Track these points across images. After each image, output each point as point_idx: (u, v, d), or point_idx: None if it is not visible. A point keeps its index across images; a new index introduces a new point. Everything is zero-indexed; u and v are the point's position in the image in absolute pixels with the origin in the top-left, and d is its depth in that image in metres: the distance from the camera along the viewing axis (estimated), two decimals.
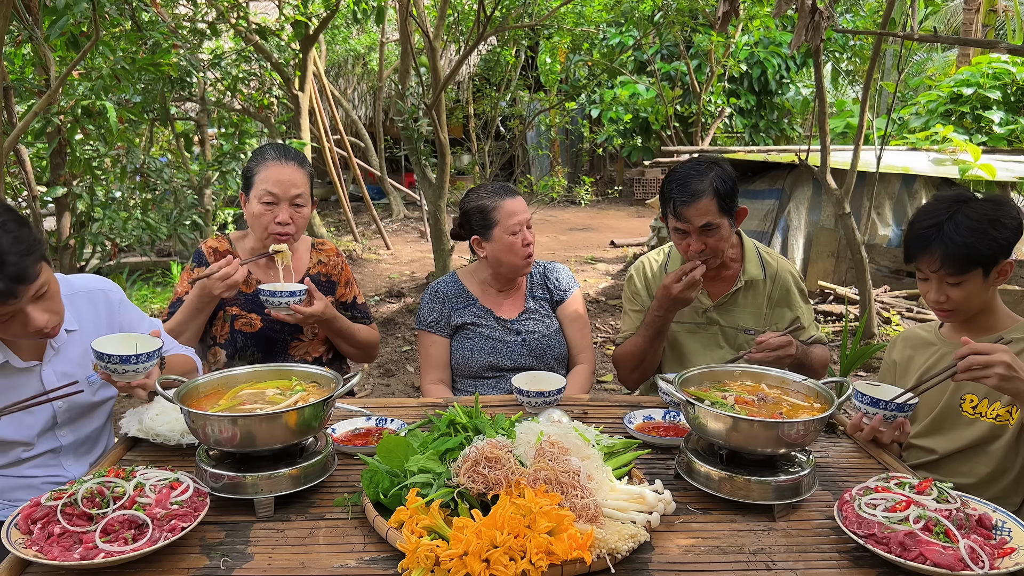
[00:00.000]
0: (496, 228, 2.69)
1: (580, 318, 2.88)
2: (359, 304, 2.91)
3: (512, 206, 2.70)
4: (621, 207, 14.82)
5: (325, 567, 1.48)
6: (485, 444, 1.65)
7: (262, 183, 2.51)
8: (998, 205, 2.07)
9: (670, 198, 2.50)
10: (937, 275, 2.08)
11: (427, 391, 2.73)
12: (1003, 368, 1.77)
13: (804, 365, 2.48)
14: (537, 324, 2.80)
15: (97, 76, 4.83)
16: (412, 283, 8.51)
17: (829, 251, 7.61)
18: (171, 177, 6.84)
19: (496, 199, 2.71)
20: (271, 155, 2.55)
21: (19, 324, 1.84)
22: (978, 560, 1.41)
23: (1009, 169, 7.44)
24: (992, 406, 2.13)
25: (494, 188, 2.78)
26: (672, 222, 2.54)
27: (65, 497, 1.52)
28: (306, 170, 2.59)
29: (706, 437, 1.78)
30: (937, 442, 2.24)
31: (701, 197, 2.44)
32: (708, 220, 2.45)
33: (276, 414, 1.67)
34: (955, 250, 2.02)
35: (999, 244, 2.02)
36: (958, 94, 9.10)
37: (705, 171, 2.47)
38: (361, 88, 13.98)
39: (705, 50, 10.83)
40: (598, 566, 1.44)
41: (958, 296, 2.08)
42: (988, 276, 2.06)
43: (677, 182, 2.50)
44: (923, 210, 2.15)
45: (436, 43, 6.52)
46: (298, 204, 2.54)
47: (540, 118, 10.32)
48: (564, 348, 2.84)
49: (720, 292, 2.71)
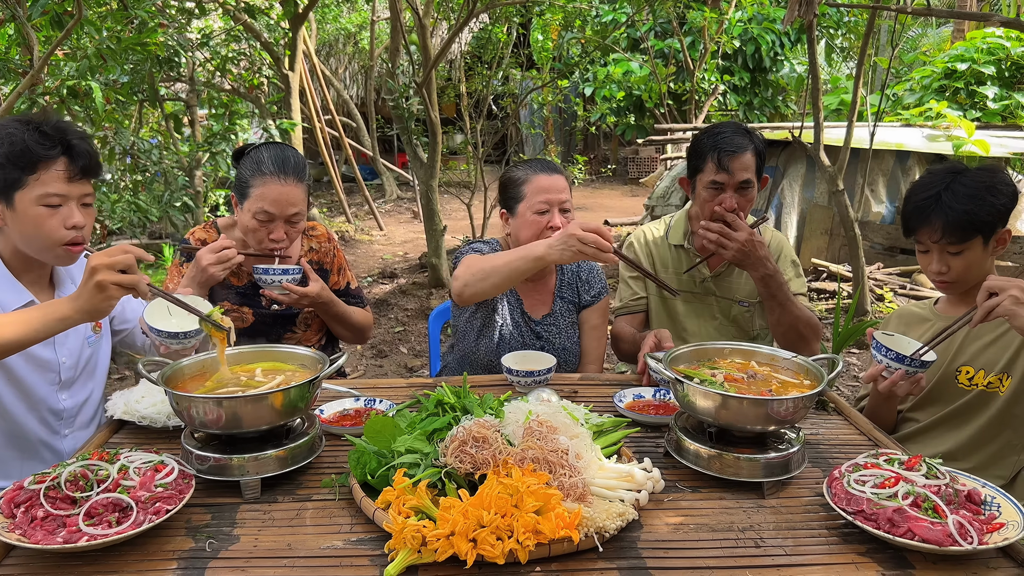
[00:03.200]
0: (522, 203, 2.48)
1: (601, 326, 2.71)
2: (352, 290, 2.82)
3: (544, 182, 2.46)
4: (615, 186, 14.78)
5: (312, 548, 1.47)
6: (473, 424, 1.64)
7: (258, 200, 2.35)
8: (992, 173, 2.09)
9: (715, 148, 2.49)
10: (938, 245, 2.09)
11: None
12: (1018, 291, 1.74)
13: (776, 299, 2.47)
14: (560, 332, 2.65)
15: (83, 56, 4.76)
16: (405, 264, 8.48)
17: (823, 228, 7.61)
18: (161, 158, 6.78)
19: (529, 172, 2.49)
20: (270, 170, 2.35)
21: (60, 218, 1.95)
22: (967, 535, 1.40)
23: (1003, 145, 7.42)
24: (988, 377, 2.14)
25: (534, 162, 2.57)
26: (710, 175, 2.51)
27: (48, 480, 1.50)
28: (305, 183, 2.44)
29: (695, 415, 1.77)
30: (928, 411, 2.25)
31: (745, 151, 2.49)
32: (748, 176, 2.51)
33: (262, 395, 1.66)
34: (955, 217, 2.03)
35: (997, 210, 2.04)
36: (952, 70, 9.06)
37: (745, 131, 2.55)
38: (352, 67, 13.87)
39: (699, 27, 10.75)
40: (586, 545, 1.43)
41: (959, 266, 2.09)
42: (988, 244, 2.07)
43: (722, 135, 2.52)
44: (919, 183, 2.16)
45: (426, 21, 6.46)
46: (294, 222, 2.41)
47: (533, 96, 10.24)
48: (578, 357, 2.71)
49: (717, 263, 2.71)
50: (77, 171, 1.96)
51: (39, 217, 1.93)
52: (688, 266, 2.72)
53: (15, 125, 1.93)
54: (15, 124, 1.93)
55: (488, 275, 2.21)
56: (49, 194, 1.93)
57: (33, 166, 1.91)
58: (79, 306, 1.74)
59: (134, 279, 1.71)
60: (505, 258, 2.17)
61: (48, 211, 1.94)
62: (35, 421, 2.09)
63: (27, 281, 2.06)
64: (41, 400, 2.09)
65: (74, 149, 1.95)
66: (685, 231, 2.77)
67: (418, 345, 6.02)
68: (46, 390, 2.09)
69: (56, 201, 1.94)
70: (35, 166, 1.91)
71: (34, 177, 1.91)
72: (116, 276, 1.69)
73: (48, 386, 2.10)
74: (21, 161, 1.90)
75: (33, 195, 1.92)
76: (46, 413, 2.11)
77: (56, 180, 1.93)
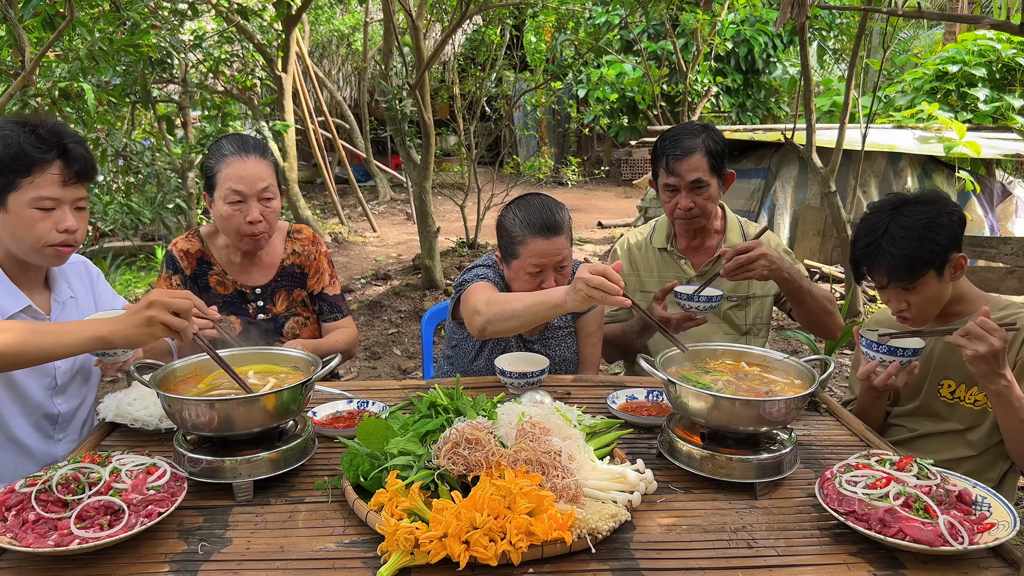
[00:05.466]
0: (516, 261, 2.39)
1: (597, 333, 2.68)
2: (327, 295, 2.68)
3: (541, 247, 2.32)
4: (608, 187, 14.79)
5: (304, 550, 1.47)
6: (465, 425, 1.64)
7: (225, 182, 2.35)
8: (931, 205, 2.01)
9: (663, 153, 2.60)
10: (892, 287, 2.04)
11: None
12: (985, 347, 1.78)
13: (803, 290, 2.50)
14: (559, 345, 2.61)
15: (75, 58, 4.75)
16: (399, 266, 8.47)
17: (815, 230, 7.63)
18: (153, 160, 6.76)
19: (527, 234, 2.34)
20: (229, 149, 2.38)
21: (52, 222, 1.94)
22: (958, 536, 1.41)
23: (994, 146, 7.46)
24: (970, 391, 2.14)
25: (534, 214, 2.36)
26: (663, 178, 2.62)
27: (39, 483, 1.50)
28: (269, 159, 2.44)
29: (688, 416, 1.77)
30: (920, 423, 2.25)
31: (694, 153, 2.55)
32: (699, 176, 2.56)
33: (254, 398, 1.65)
34: (897, 263, 1.97)
35: (940, 245, 1.97)
36: (944, 72, 9.10)
37: (698, 131, 2.60)
38: (346, 69, 13.85)
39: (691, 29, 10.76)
40: (579, 546, 1.43)
41: (917, 301, 2.03)
42: (943, 274, 2.01)
43: (671, 138, 2.61)
44: (860, 227, 2.10)
45: (419, 22, 6.46)
46: (267, 198, 2.40)
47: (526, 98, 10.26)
48: (576, 367, 2.68)
49: (702, 262, 2.77)
50: (72, 175, 1.95)
51: (31, 220, 1.92)
52: (673, 269, 2.78)
53: (10, 127, 1.91)
54: (10, 126, 1.92)
55: (510, 318, 2.15)
56: (43, 197, 1.92)
57: (28, 169, 1.90)
58: (121, 330, 1.70)
59: (183, 324, 1.68)
60: (525, 302, 2.11)
61: (41, 214, 1.93)
62: (29, 426, 2.08)
63: (23, 284, 2.05)
64: (36, 405, 2.08)
65: (70, 153, 1.94)
66: (668, 234, 2.81)
67: (411, 347, 6.01)
68: (41, 395, 2.08)
69: (49, 205, 1.93)
70: (30, 169, 1.90)
71: (28, 180, 1.90)
72: (168, 317, 1.66)
73: (43, 391, 2.09)
74: (16, 164, 1.89)
75: (26, 198, 1.91)
76: (41, 418, 2.10)
77: (50, 184, 1.92)
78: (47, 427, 2.13)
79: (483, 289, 2.34)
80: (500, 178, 9.83)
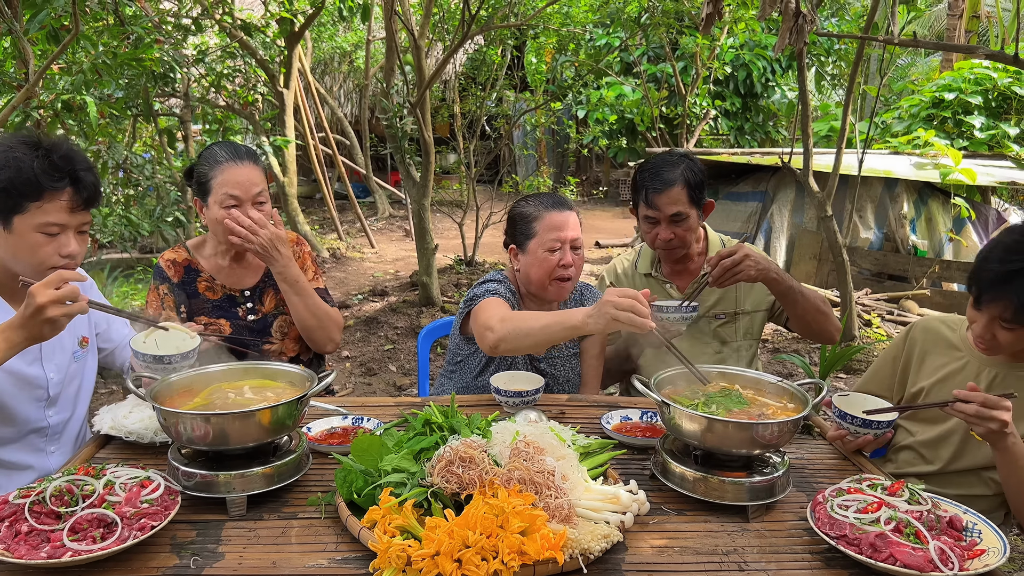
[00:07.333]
0: (533, 240, 2.45)
1: (600, 355, 2.69)
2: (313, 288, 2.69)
3: (556, 219, 2.44)
4: (607, 208, 14.83)
5: (297, 566, 1.47)
6: (459, 444, 1.64)
7: (221, 187, 2.41)
8: None
9: (642, 187, 2.60)
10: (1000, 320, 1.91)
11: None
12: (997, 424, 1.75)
13: (794, 290, 2.49)
14: (563, 365, 2.63)
15: (78, 71, 4.78)
16: (396, 282, 8.48)
17: (811, 253, 7.66)
18: (154, 173, 6.78)
19: (540, 208, 2.47)
20: (223, 156, 2.44)
21: (56, 246, 1.95)
22: (948, 561, 1.42)
23: (989, 174, 7.51)
24: None
25: (544, 197, 2.53)
26: (643, 210, 2.62)
27: (33, 495, 1.50)
28: (260, 165, 2.52)
29: (681, 438, 1.78)
30: (939, 455, 2.18)
31: (673, 185, 2.54)
32: (678, 209, 2.56)
33: (249, 412, 1.66)
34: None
35: None
36: (940, 99, 9.17)
37: (677, 162, 2.58)
38: (347, 86, 13.92)
39: (691, 52, 10.85)
40: (570, 566, 1.44)
41: (1007, 340, 1.93)
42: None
43: (650, 171, 2.59)
44: (1002, 247, 1.92)
45: (421, 41, 6.51)
46: (260, 202, 2.46)
47: (526, 118, 10.30)
48: (578, 388, 2.68)
49: (686, 284, 2.76)
50: (80, 202, 1.96)
51: (36, 244, 1.92)
52: (660, 294, 2.77)
53: (23, 149, 1.90)
54: (23, 147, 1.90)
55: (525, 336, 2.15)
56: (50, 223, 1.92)
57: (38, 195, 1.89)
58: (28, 334, 1.75)
59: (81, 307, 1.76)
60: (542, 322, 2.12)
61: (45, 239, 1.93)
62: (21, 439, 2.08)
63: (14, 300, 2.04)
64: (27, 418, 2.07)
65: (81, 181, 1.94)
66: (653, 260, 2.83)
67: (407, 364, 6.01)
68: (33, 407, 2.08)
69: (55, 230, 1.93)
70: (40, 195, 1.90)
71: (37, 205, 1.90)
72: (65, 308, 1.73)
73: (35, 403, 2.08)
74: (27, 188, 1.88)
75: (33, 222, 1.91)
76: (32, 430, 2.10)
77: (59, 210, 1.92)
78: (38, 440, 2.12)
79: (496, 305, 2.35)
80: (499, 196, 9.86)
